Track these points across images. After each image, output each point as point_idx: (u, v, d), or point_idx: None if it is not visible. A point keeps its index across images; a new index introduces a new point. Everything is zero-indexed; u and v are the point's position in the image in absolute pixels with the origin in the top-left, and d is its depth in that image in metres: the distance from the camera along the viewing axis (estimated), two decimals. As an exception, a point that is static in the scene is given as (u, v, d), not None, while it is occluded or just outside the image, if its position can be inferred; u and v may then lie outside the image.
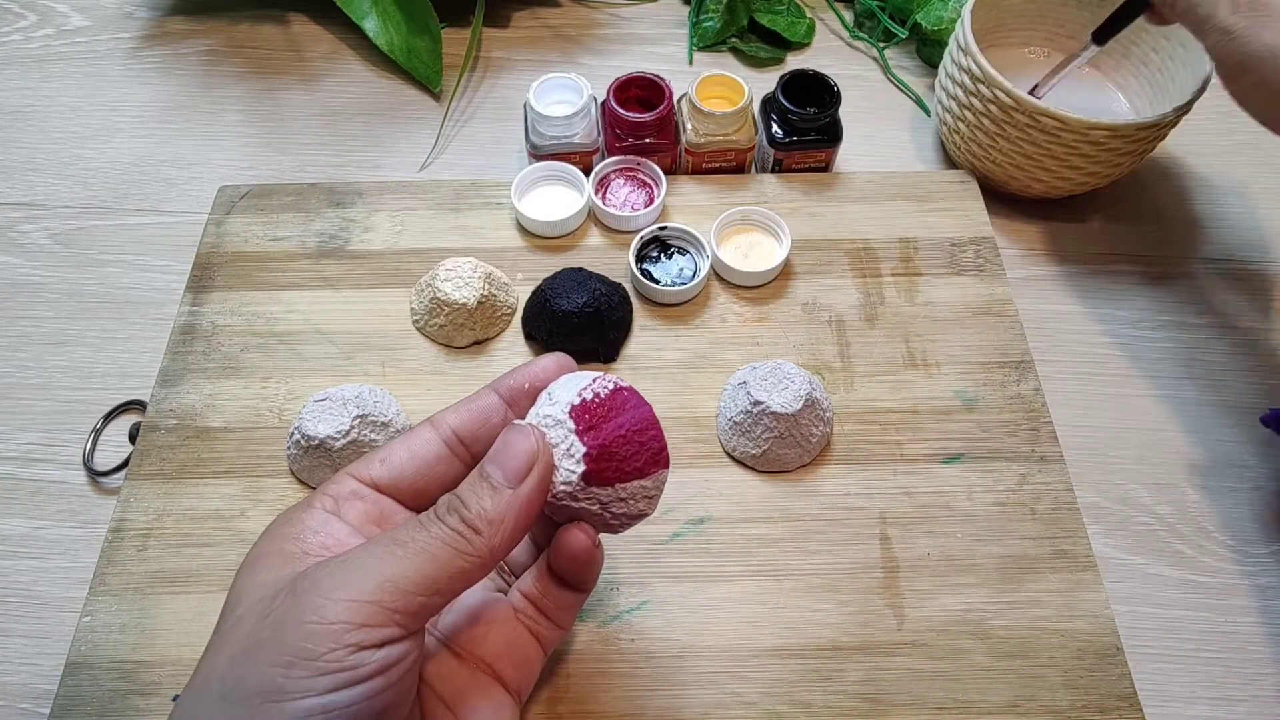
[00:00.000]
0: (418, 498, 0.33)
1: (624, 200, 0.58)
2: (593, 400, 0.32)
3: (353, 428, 0.45)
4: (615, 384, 0.33)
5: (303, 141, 0.65)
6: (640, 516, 0.34)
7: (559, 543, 0.33)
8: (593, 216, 0.58)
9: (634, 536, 0.46)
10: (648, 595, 0.45)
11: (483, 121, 0.67)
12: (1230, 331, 0.57)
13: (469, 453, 0.34)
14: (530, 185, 0.58)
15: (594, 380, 0.33)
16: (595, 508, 0.32)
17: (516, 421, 0.32)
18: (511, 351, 0.53)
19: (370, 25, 0.67)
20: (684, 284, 0.54)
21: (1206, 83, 0.54)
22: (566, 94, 0.59)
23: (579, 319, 0.50)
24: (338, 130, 0.66)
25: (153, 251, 0.59)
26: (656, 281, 0.54)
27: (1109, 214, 0.62)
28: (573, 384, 0.33)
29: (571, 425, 0.31)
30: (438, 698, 0.32)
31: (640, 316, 0.54)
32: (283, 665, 0.26)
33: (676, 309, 0.54)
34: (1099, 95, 0.63)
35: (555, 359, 0.35)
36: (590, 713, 0.41)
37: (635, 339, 0.53)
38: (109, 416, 0.52)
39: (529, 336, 0.53)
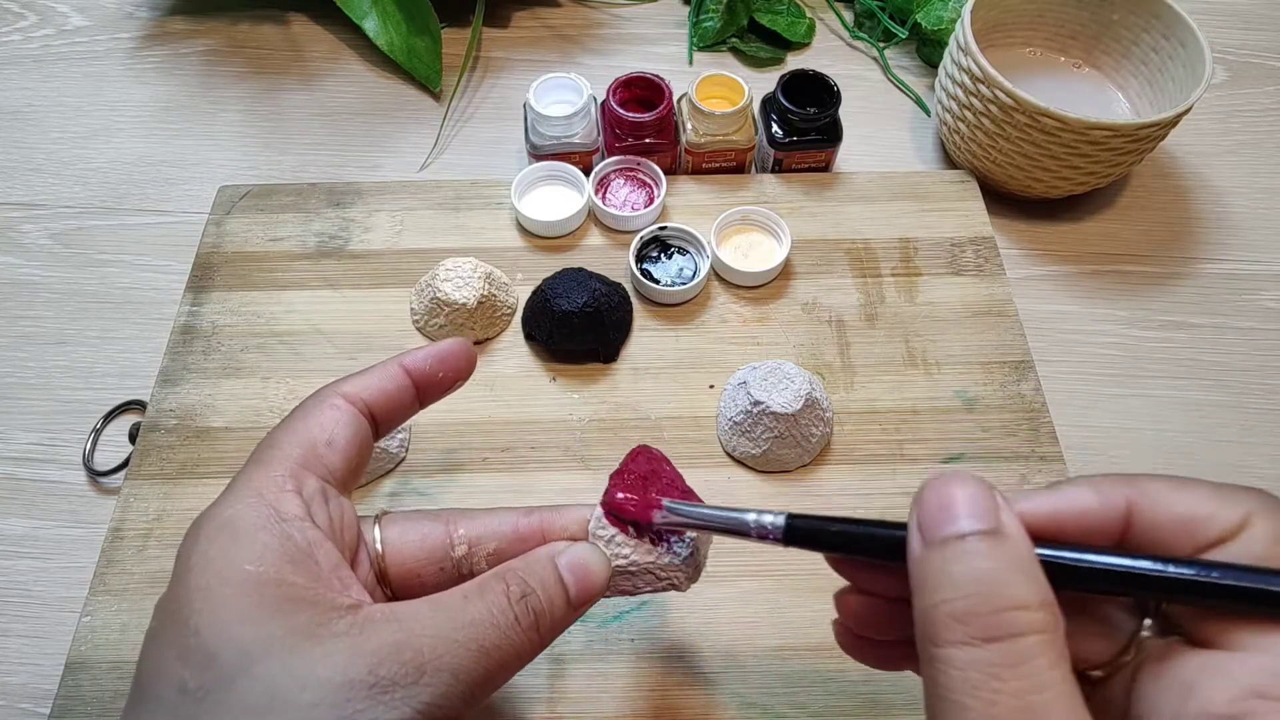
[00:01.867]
0: (350, 477, 0.32)
1: (624, 200, 0.58)
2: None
3: None
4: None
5: (303, 141, 0.65)
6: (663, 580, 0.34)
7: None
8: (593, 216, 0.58)
9: (634, 536, 0.46)
10: (648, 595, 0.44)
11: (483, 121, 0.67)
12: (1230, 331, 0.57)
13: (377, 425, 0.34)
14: (530, 185, 0.58)
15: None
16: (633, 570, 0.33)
17: (603, 548, 0.32)
18: (512, 351, 0.53)
19: (370, 25, 0.67)
20: (684, 284, 0.54)
21: (1207, 83, 0.54)
22: (566, 94, 0.59)
23: (579, 319, 0.50)
24: (338, 130, 0.66)
25: (153, 251, 0.59)
26: (656, 281, 0.54)
27: (1109, 214, 0.62)
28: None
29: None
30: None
31: (640, 316, 0.54)
32: None
33: (676, 309, 0.54)
34: (1099, 95, 0.63)
35: (458, 342, 0.35)
36: (590, 713, 0.41)
37: (635, 339, 0.53)
38: (109, 416, 0.52)
39: (529, 336, 0.53)
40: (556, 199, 0.58)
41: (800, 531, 0.28)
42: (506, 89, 0.68)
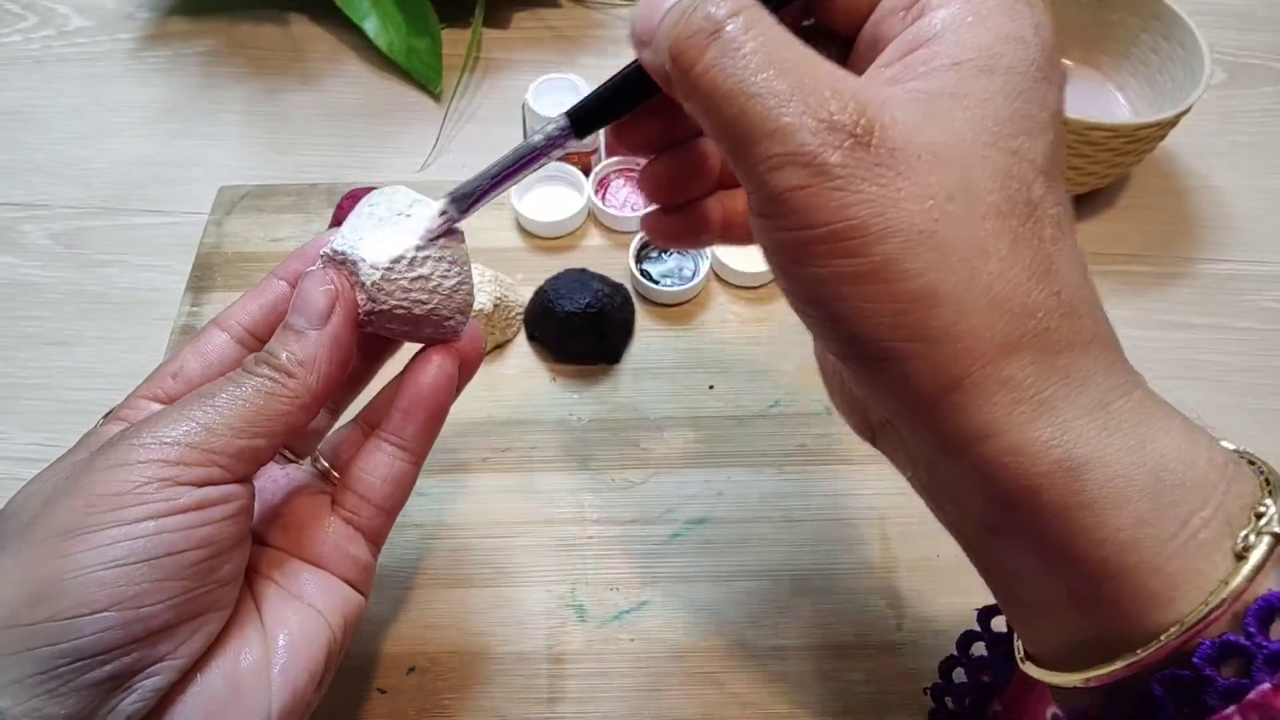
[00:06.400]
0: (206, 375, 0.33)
1: (624, 200, 0.58)
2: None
3: None
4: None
5: (303, 141, 0.65)
6: (456, 297, 0.33)
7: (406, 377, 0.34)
8: (592, 217, 0.58)
9: (634, 536, 0.46)
10: (648, 595, 0.45)
11: (483, 122, 0.67)
12: (1230, 331, 0.57)
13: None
14: (530, 185, 0.58)
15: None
16: (406, 302, 0.32)
17: (310, 269, 0.32)
18: (513, 351, 0.53)
19: (370, 26, 0.67)
20: (683, 284, 0.54)
21: (1206, 83, 0.54)
22: (565, 94, 0.59)
23: (582, 320, 0.50)
24: (338, 130, 0.66)
25: (153, 251, 0.59)
26: (656, 282, 0.54)
27: (1109, 214, 0.62)
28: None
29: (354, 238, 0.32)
30: (252, 603, 0.30)
31: (639, 317, 0.54)
32: (83, 507, 0.25)
33: (676, 309, 0.54)
34: (1099, 95, 0.63)
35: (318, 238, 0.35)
36: (590, 713, 0.41)
37: (635, 339, 0.53)
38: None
39: (531, 337, 0.53)
40: (556, 199, 0.58)
41: (582, 115, 0.29)
42: (506, 89, 0.68)
